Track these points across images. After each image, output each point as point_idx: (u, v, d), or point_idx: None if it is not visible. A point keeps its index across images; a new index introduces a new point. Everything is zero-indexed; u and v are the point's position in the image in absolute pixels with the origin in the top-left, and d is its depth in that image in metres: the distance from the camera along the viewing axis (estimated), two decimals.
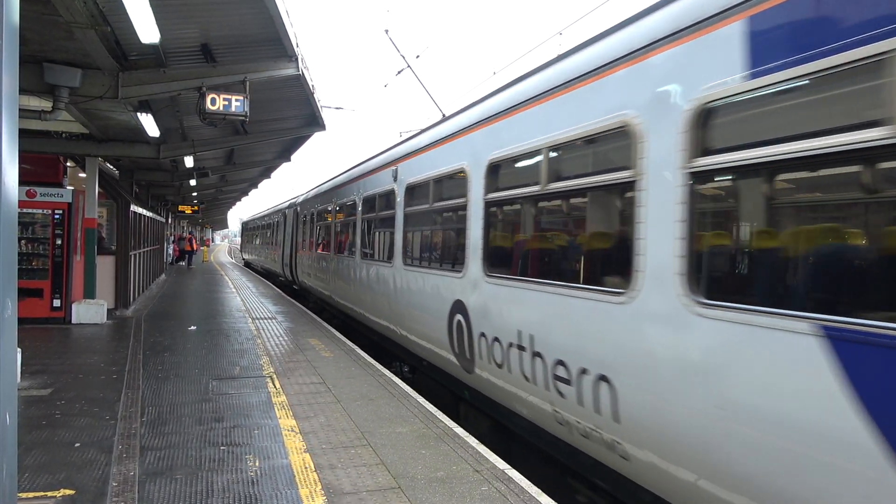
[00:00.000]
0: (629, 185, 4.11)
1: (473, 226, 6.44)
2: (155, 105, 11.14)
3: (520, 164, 5.81)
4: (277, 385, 7.74)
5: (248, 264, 43.03)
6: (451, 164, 7.22)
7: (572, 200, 5.24)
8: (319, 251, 16.35)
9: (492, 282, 6.03)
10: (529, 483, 4.81)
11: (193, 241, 40.39)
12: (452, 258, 7.26)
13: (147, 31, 7.23)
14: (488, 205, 6.22)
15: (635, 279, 4.00)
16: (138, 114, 10.59)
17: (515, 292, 5.58)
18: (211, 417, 6.38)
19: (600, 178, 4.62)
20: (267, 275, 30.60)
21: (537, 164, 5.27)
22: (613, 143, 4.45)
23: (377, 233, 10.67)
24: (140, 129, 11.78)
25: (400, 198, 9.03)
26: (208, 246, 55.67)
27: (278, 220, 26.11)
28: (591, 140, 4.74)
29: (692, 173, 3.63)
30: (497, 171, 6.14)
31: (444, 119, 8.28)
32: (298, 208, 20.55)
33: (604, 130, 4.46)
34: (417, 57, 16.29)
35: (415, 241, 8.83)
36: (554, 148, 5.08)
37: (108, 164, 16.94)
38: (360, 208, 11.77)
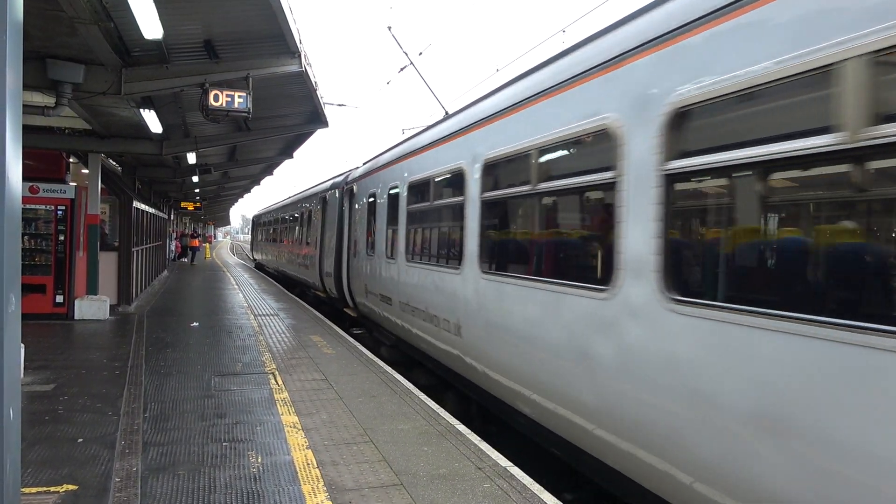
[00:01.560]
0: None
1: None
2: (158, 101, 11.14)
3: None
4: (279, 381, 7.75)
5: (259, 266, 35.58)
6: None
7: None
8: (423, 262, 8.36)
9: None
10: (532, 480, 4.81)
11: (198, 238, 40.42)
12: None
13: (150, 26, 7.23)
14: None
15: None
16: (141, 110, 10.61)
17: None
18: (213, 413, 6.38)
19: None
20: (291, 284, 22.30)
21: None
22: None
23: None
24: (143, 126, 11.80)
25: None
26: (210, 242, 55.62)
27: (312, 208, 18.48)
28: None
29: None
30: None
31: None
32: (356, 187, 13.33)
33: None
34: (420, 54, 16.35)
35: None
36: None
37: (111, 161, 16.95)
38: (632, 151, 4.14)
